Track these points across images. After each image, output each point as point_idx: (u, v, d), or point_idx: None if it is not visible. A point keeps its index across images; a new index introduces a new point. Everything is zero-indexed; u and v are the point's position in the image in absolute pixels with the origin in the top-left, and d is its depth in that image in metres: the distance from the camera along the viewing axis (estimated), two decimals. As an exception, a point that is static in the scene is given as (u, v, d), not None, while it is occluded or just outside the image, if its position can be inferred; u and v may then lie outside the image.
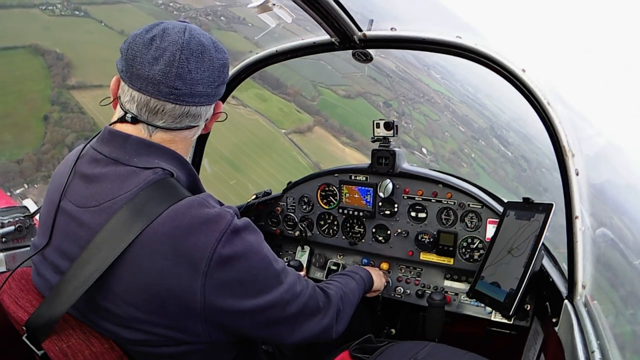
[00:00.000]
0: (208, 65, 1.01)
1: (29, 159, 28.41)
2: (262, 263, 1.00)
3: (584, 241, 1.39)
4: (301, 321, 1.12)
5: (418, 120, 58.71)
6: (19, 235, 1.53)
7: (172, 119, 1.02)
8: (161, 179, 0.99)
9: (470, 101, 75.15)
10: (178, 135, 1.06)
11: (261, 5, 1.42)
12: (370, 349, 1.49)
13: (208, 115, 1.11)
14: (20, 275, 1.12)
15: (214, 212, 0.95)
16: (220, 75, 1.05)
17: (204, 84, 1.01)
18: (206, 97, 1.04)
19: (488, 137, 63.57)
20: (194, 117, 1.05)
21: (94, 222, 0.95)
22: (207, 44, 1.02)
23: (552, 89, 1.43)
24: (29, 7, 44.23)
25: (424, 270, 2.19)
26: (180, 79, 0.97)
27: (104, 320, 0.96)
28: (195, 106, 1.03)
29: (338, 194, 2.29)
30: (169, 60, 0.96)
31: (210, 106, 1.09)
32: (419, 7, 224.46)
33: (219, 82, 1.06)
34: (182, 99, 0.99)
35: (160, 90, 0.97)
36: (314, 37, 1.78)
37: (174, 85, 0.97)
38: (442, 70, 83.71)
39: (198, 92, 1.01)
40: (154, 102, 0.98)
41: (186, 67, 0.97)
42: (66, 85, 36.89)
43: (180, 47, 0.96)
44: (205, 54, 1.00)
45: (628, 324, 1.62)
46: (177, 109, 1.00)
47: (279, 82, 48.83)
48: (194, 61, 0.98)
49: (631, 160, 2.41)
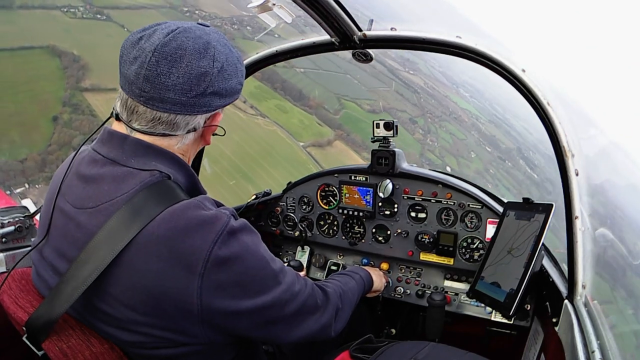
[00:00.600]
0: (183, 71, 0.94)
1: (33, 158, 28.33)
2: (259, 263, 1.00)
3: (584, 241, 1.39)
4: (300, 320, 1.12)
5: (444, 138, 58.12)
6: (19, 236, 1.52)
7: (145, 122, 0.99)
8: (158, 182, 0.98)
9: (498, 121, 74.04)
10: (160, 141, 1.02)
11: (261, 5, 1.42)
12: (370, 349, 1.49)
13: (192, 126, 1.03)
14: (21, 276, 1.12)
15: (210, 214, 0.95)
16: (200, 84, 0.96)
17: (176, 90, 0.94)
18: (180, 106, 0.96)
19: (515, 158, 62.58)
20: (168, 124, 0.99)
21: (91, 224, 0.95)
22: (192, 49, 0.95)
23: (552, 87, 1.43)
24: (50, 8, 44.26)
25: (424, 271, 2.19)
26: (148, 81, 0.93)
27: (101, 322, 0.96)
28: (166, 113, 0.97)
29: (338, 194, 2.29)
30: (142, 61, 0.93)
31: (193, 116, 1.01)
32: (419, 5, 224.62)
33: (198, 91, 0.96)
34: (152, 103, 0.95)
35: (132, 91, 0.96)
36: (314, 37, 1.78)
37: (142, 87, 0.94)
38: (471, 89, 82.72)
39: (169, 99, 0.95)
40: (130, 101, 0.98)
41: (155, 70, 0.93)
42: (79, 87, 36.88)
43: (153, 50, 0.93)
44: (182, 59, 0.94)
45: (628, 324, 1.62)
46: (148, 112, 0.98)
47: (301, 93, 48.38)
48: (165, 65, 0.93)
49: (631, 160, 2.41)
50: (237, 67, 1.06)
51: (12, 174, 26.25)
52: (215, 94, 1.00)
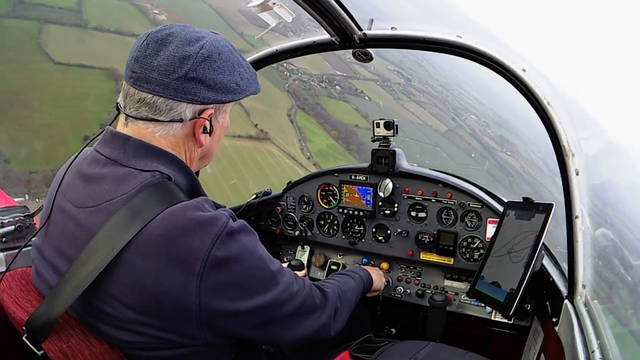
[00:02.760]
0: (169, 53, 0.98)
1: (43, 172, 27.96)
2: (257, 264, 1.00)
3: (584, 241, 1.39)
4: (298, 320, 1.12)
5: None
6: (19, 235, 1.52)
7: (133, 104, 1.01)
8: (159, 182, 0.99)
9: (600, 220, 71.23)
10: (145, 129, 1.02)
11: (261, 5, 1.42)
12: (370, 349, 1.50)
13: (176, 113, 1.01)
14: (21, 276, 1.12)
15: (209, 215, 0.95)
16: (182, 67, 0.97)
17: (160, 71, 0.97)
18: (163, 87, 0.98)
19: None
20: (150, 107, 1.00)
21: (91, 223, 0.96)
22: (183, 37, 1.00)
23: (553, 86, 1.43)
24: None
25: (424, 270, 2.19)
26: (137, 62, 1.00)
27: (100, 322, 0.96)
28: (149, 94, 0.99)
29: (338, 194, 2.29)
30: (136, 46, 1.01)
31: (176, 102, 1.00)
32: (419, 5, 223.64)
33: (180, 74, 0.97)
34: (138, 83, 0.99)
35: (126, 74, 1.02)
36: (314, 36, 1.78)
37: (133, 68, 1.00)
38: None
39: (152, 79, 0.98)
40: (125, 85, 1.03)
41: (144, 51, 0.99)
42: (125, 113, 37.16)
43: (147, 35, 1.01)
44: (170, 44, 0.99)
45: (628, 324, 1.62)
46: (136, 94, 1.01)
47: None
48: (153, 47, 0.99)
49: (632, 159, 2.41)
50: (234, 67, 1.06)
51: (15, 182, 25.98)
52: (200, 82, 1.00)
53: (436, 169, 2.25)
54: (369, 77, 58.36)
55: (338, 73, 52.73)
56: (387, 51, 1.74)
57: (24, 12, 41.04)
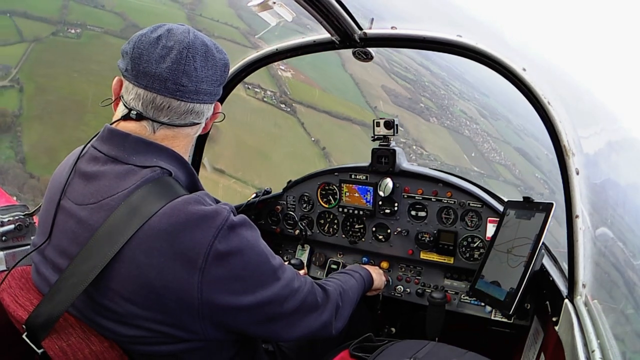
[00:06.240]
0: (212, 64, 1.05)
1: (45, 181, 27.60)
2: (258, 259, 1.01)
3: (585, 240, 1.39)
4: (299, 317, 1.12)
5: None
6: (19, 234, 1.53)
7: (177, 115, 1.05)
8: (159, 178, 0.99)
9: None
10: (180, 132, 1.09)
11: (261, 4, 1.42)
12: (370, 348, 1.49)
13: (209, 114, 1.13)
14: (20, 274, 1.12)
15: (211, 209, 0.96)
16: (223, 74, 1.09)
17: (208, 82, 1.05)
18: (209, 96, 1.07)
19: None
20: (197, 114, 1.08)
21: (92, 220, 0.96)
22: (209, 45, 1.06)
23: (553, 85, 1.43)
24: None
25: (424, 269, 2.19)
26: (186, 76, 1.00)
27: (102, 318, 0.96)
28: (199, 103, 1.06)
29: (338, 193, 2.29)
30: (176, 58, 0.99)
31: (211, 105, 1.12)
32: (420, 4, 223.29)
33: (221, 81, 1.10)
34: (188, 96, 1.02)
35: (167, 87, 1.00)
36: (315, 35, 1.77)
37: (181, 82, 1.00)
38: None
39: (202, 90, 1.04)
40: (160, 99, 1.01)
41: (192, 65, 1.01)
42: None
43: (187, 46, 1.00)
44: (208, 54, 1.04)
45: (628, 324, 1.62)
46: (182, 105, 1.03)
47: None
48: (200, 60, 1.02)
49: (632, 159, 2.41)
50: None
51: (8, 181, 25.52)
52: (224, 83, 1.13)
53: (437, 168, 2.25)
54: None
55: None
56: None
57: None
